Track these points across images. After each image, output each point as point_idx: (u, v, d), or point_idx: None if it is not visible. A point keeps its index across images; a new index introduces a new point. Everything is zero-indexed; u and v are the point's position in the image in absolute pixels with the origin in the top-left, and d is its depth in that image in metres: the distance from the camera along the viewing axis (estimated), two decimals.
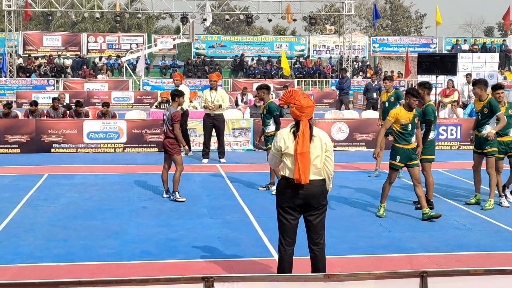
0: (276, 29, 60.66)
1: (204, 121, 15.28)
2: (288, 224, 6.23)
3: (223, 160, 15.27)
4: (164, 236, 8.77)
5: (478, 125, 10.72)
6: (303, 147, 5.96)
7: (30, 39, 41.11)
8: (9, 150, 16.29)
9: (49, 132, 16.46)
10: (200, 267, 7.45)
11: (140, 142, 16.73)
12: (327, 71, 40.48)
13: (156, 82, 36.06)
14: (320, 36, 47.14)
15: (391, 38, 47.14)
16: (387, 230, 9.21)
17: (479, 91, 10.61)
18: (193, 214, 10.07)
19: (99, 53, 40.96)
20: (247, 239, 8.68)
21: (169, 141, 11.09)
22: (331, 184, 6.34)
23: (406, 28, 74.00)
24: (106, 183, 12.56)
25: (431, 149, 10.57)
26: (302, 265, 6.93)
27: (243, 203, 10.83)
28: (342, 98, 25.83)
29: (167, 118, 11.07)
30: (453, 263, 7.76)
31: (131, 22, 58.03)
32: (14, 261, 7.65)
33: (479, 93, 10.62)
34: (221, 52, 42.55)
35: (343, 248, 8.24)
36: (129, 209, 10.34)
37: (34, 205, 10.60)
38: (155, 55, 43.09)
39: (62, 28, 56.57)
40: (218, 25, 71.03)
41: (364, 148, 17.38)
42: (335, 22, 60.64)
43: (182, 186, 12.19)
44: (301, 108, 6.06)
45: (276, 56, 40.53)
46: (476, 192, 11.01)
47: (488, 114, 10.51)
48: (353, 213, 10.20)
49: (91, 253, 7.99)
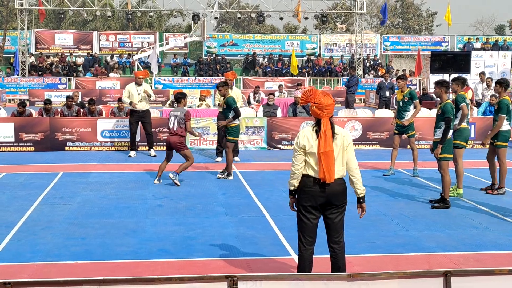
0: (287, 28, 60.63)
1: (218, 119, 15.27)
2: (309, 223, 6.22)
3: (237, 158, 15.28)
4: (181, 234, 8.78)
5: None
6: (326, 146, 5.95)
7: (42, 37, 41.28)
8: (23, 148, 16.36)
9: (63, 130, 16.52)
10: (218, 266, 7.45)
11: (153, 140, 16.71)
12: (339, 69, 40.41)
13: (168, 81, 36.09)
14: (331, 35, 47.08)
15: (403, 37, 47.02)
16: (404, 229, 9.18)
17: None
18: (209, 212, 10.07)
19: (110, 51, 41.09)
20: (264, 237, 8.68)
21: (178, 139, 12.21)
22: (361, 186, 6.34)
23: (417, 26, 73.77)
24: (121, 181, 12.59)
25: (449, 148, 10.58)
26: (322, 264, 6.91)
27: (258, 202, 10.82)
28: (348, 96, 25.76)
29: (179, 118, 12.18)
30: (472, 262, 7.72)
31: (142, 20, 58.05)
32: (32, 259, 7.68)
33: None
34: (232, 50, 42.55)
35: (361, 247, 8.22)
36: (145, 207, 10.35)
37: (50, 203, 10.64)
38: (166, 54, 43.15)
39: (73, 27, 56.75)
40: (229, 23, 71.07)
41: (377, 146, 17.34)
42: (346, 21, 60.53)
43: (196, 184, 12.29)
44: (322, 107, 6.05)
45: (287, 54, 40.49)
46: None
47: None
48: (370, 211, 10.12)
49: (109, 251, 8.00)
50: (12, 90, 34.21)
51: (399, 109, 13.48)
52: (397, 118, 13.42)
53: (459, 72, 23.66)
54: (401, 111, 13.38)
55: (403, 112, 13.33)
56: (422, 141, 17.41)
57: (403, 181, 12.85)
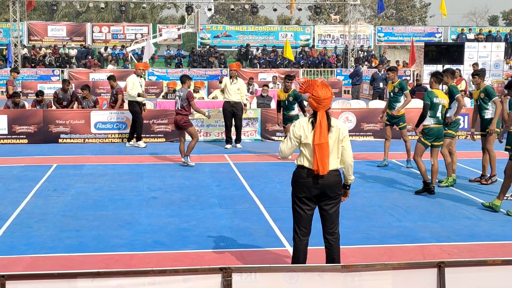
0: (281, 19, 60.52)
1: (224, 109, 15.58)
2: (304, 215, 6.23)
3: (239, 145, 15.77)
4: (176, 226, 8.78)
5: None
6: (321, 137, 5.95)
7: (34, 29, 41.10)
8: (16, 140, 16.32)
9: (56, 122, 16.48)
10: (213, 257, 7.45)
11: (147, 132, 16.72)
12: (332, 60, 40.39)
13: (162, 72, 36.02)
14: (325, 26, 47.02)
15: (396, 28, 46.99)
16: (398, 220, 9.21)
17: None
18: (203, 204, 10.07)
19: (104, 43, 40.96)
20: (258, 229, 8.68)
21: (181, 118, 13.20)
22: (352, 175, 6.36)
23: (410, 17, 73.70)
24: (115, 173, 12.57)
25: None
26: (316, 255, 6.92)
27: (252, 193, 10.83)
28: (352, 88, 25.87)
29: (182, 98, 13.11)
30: (465, 253, 7.74)
31: (136, 12, 57.92)
32: (27, 251, 7.66)
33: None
34: (226, 42, 42.48)
35: (356, 238, 8.24)
36: (140, 199, 10.34)
37: (44, 195, 10.62)
38: (160, 45, 43.01)
39: (66, 18, 56.50)
40: (222, 14, 70.90)
41: (371, 138, 17.36)
42: (340, 12, 60.44)
43: (191, 176, 12.28)
44: (319, 100, 6.05)
45: (281, 46, 40.42)
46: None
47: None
48: (364, 203, 10.20)
49: (103, 243, 8.00)
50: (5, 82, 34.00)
51: (390, 100, 13.52)
52: (389, 109, 13.44)
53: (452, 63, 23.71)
54: (392, 102, 13.42)
55: (394, 103, 13.36)
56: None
57: (397, 172, 12.88)
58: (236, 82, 15.54)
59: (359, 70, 26.53)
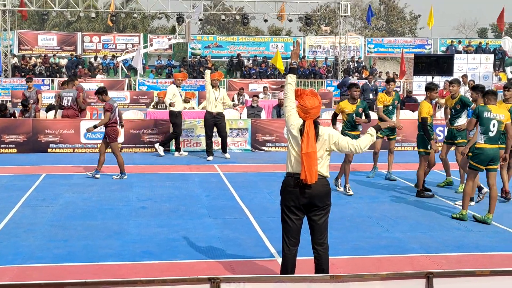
0: (272, 30, 60.66)
1: (206, 120, 15.35)
2: (293, 224, 6.23)
3: (228, 155, 15.51)
4: (165, 236, 8.75)
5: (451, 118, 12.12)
6: (308, 147, 5.96)
7: (25, 38, 41.02)
8: (5, 150, 16.25)
9: (46, 132, 16.42)
10: (202, 268, 7.44)
11: (137, 142, 16.71)
12: (323, 71, 40.48)
13: (152, 82, 36.01)
14: (316, 37, 47.17)
15: (386, 39, 47.22)
16: (387, 230, 9.22)
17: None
18: (193, 214, 10.05)
19: (94, 52, 40.90)
20: (247, 239, 8.68)
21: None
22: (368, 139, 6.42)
23: (400, 29, 74.15)
24: (105, 183, 12.53)
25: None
26: (305, 265, 6.92)
27: (242, 204, 10.82)
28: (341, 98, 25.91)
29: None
30: (454, 264, 7.76)
31: (127, 22, 57.96)
32: (14, 261, 7.62)
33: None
34: (217, 52, 42.54)
35: (344, 248, 8.24)
36: (129, 209, 10.31)
37: (32, 205, 10.57)
38: (150, 55, 43.04)
39: (57, 28, 56.41)
40: (213, 25, 71.00)
41: None
42: (330, 23, 60.72)
43: (180, 186, 12.28)
44: (306, 109, 6.07)
45: (271, 56, 40.46)
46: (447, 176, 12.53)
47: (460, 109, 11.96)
48: (353, 213, 10.21)
49: (92, 253, 7.96)
50: None
51: (388, 112, 13.17)
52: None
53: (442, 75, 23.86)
54: (390, 114, 13.22)
55: (391, 115, 13.17)
56: (405, 143, 17.50)
57: (387, 183, 12.91)
58: (219, 92, 15.36)
59: (347, 81, 26.54)
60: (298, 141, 6.13)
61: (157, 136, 16.70)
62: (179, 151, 16.09)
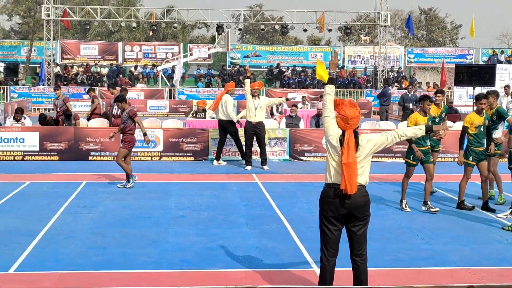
0: (311, 39, 60.61)
1: (246, 129, 15.40)
2: (332, 235, 6.19)
3: (266, 167, 15.47)
4: (203, 245, 8.77)
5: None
6: (349, 157, 5.94)
7: (68, 48, 41.69)
8: (47, 157, 16.50)
9: (87, 140, 16.64)
10: (240, 277, 7.42)
11: (176, 151, 16.82)
12: (362, 81, 40.29)
13: (191, 91, 36.27)
14: (355, 47, 46.97)
15: (427, 49, 46.80)
16: (427, 242, 9.10)
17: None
18: (231, 223, 10.06)
19: (135, 62, 41.38)
20: (285, 249, 8.64)
21: None
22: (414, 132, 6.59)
23: (441, 39, 73.40)
24: (144, 191, 12.63)
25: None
26: (344, 276, 6.87)
27: (280, 213, 10.79)
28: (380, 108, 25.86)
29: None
30: (495, 277, 7.63)
31: (167, 31, 58.48)
32: (55, 267, 7.72)
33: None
34: (256, 61, 42.63)
35: (384, 260, 8.15)
36: (167, 218, 10.37)
37: (73, 212, 10.70)
38: (190, 64, 43.35)
39: (99, 37, 57.25)
40: (252, 34, 71.26)
41: (400, 159, 17.21)
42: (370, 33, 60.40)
43: (218, 195, 12.29)
44: (346, 119, 6.05)
45: (310, 66, 40.47)
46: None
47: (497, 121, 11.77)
48: (393, 224, 10.11)
49: (130, 261, 8.02)
50: (38, 99, 34.60)
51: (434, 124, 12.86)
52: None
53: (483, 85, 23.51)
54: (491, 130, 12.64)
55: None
56: (446, 154, 17.29)
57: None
58: (258, 101, 15.38)
59: (387, 91, 26.40)
60: (337, 151, 6.11)
61: (196, 144, 16.79)
62: (218, 160, 16.13)
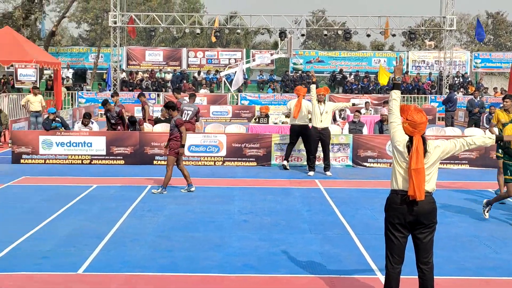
0: (374, 45, 60.10)
1: (312, 135, 15.41)
2: (397, 242, 6.12)
3: (329, 173, 15.42)
4: (266, 250, 8.79)
5: None
6: (418, 163, 5.87)
7: (133, 54, 42.53)
8: (114, 161, 16.85)
9: (152, 144, 16.91)
10: (303, 283, 7.42)
11: (239, 156, 16.91)
12: (426, 87, 39.68)
13: (254, 97, 36.44)
14: (419, 52, 46.32)
15: (494, 54, 45.75)
16: (495, 252, 8.88)
17: None
18: (294, 229, 10.05)
19: (198, 67, 41.87)
20: (349, 255, 8.59)
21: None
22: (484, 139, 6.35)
23: (509, 43, 71.66)
24: (207, 195, 12.75)
25: None
26: (409, 284, 6.77)
27: (343, 219, 10.72)
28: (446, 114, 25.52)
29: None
30: None
31: (230, 37, 59.00)
32: (121, 269, 7.86)
33: None
34: (319, 67, 42.53)
35: (450, 268, 8.00)
36: (230, 222, 10.44)
37: (138, 215, 10.89)
38: (252, 70, 43.58)
39: (163, 44, 58.19)
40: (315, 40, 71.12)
41: (466, 166, 16.89)
42: (435, 37, 59.47)
43: (281, 201, 12.30)
44: (414, 124, 5.98)
45: (374, 71, 40.10)
46: None
47: None
48: (459, 232, 9.91)
49: (194, 264, 8.10)
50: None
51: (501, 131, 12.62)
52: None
53: None
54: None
55: None
56: None
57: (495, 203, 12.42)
58: (324, 106, 15.30)
59: (453, 97, 25.94)
60: (404, 157, 6.04)
61: (258, 150, 16.85)
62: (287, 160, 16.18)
